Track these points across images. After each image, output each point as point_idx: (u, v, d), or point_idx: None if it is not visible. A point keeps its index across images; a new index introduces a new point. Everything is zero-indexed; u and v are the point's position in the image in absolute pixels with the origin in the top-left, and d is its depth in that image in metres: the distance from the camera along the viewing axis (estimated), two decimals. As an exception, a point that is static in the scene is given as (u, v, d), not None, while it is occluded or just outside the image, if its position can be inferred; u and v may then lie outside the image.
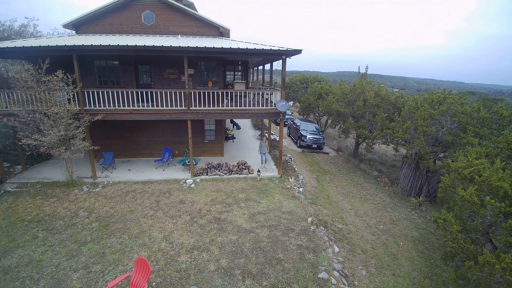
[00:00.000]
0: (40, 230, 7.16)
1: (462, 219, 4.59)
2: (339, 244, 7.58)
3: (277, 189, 9.87)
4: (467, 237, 4.41)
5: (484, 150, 6.35)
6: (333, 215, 9.20)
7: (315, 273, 6.10)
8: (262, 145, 11.46)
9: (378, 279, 6.48)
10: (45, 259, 6.14)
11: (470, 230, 4.41)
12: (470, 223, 4.40)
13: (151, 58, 11.36)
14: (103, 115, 9.26)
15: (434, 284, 6.48)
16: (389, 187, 12.14)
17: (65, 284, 5.46)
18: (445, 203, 5.55)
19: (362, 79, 14.97)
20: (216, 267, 6.05)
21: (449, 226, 4.55)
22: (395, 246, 7.84)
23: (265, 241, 7.02)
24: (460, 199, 4.47)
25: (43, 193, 9.11)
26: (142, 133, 12.16)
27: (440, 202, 5.96)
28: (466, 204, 4.40)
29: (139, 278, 5.07)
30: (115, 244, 6.70)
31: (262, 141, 11.43)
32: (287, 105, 9.67)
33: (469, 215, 4.51)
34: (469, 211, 4.46)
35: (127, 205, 8.47)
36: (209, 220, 7.84)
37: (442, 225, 4.69)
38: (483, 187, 4.40)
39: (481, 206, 4.22)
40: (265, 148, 11.51)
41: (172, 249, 6.58)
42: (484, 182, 4.35)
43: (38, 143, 8.50)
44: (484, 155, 5.84)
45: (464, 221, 4.55)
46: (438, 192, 5.75)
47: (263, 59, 14.26)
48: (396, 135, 10.26)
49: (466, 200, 4.33)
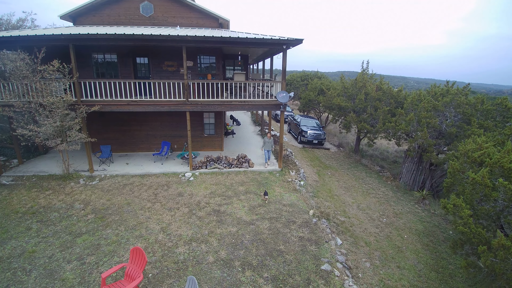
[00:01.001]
0: (34, 222, 6.95)
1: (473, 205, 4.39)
2: (342, 236, 7.38)
3: (278, 182, 9.67)
4: (478, 223, 4.21)
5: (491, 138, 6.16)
6: (335, 208, 9.00)
7: (318, 265, 5.90)
8: (266, 142, 10.63)
9: (383, 271, 6.28)
10: (38, 250, 5.93)
11: (481, 216, 4.21)
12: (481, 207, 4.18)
13: (149, 50, 11.17)
14: (99, 106, 9.06)
15: (440, 277, 6.27)
16: (391, 181, 11.93)
17: (58, 275, 5.26)
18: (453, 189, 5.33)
19: (364, 74, 14.79)
20: (215, 259, 5.85)
21: (459, 211, 4.35)
22: (399, 239, 7.64)
23: (266, 233, 6.81)
24: (471, 182, 4.27)
25: (39, 186, 8.91)
26: (141, 127, 11.96)
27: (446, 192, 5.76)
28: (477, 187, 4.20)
29: (135, 268, 4.87)
30: (111, 235, 6.49)
31: (266, 138, 10.63)
32: (288, 96, 9.48)
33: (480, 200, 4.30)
34: (480, 195, 4.25)
35: (124, 198, 8.27)
36: (208, 212, 7.63)
37: (452, 210, 4.49)
38: (494, 169, 4.20)
39: (492, 190, 4.02)
40: (269, 145, 10.64)
41: (170, 241, 6.37)
42: (495, 164, 4.15)
43: (33, 133, 8.30)
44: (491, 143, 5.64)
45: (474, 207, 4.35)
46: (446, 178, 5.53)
47: (263, 53, 14.07)
48: (399, 127, 10.06)
49: (478, 182, 4.13)
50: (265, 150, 10.68)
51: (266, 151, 10.67)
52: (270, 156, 11.35)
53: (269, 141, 10.58)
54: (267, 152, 10.69)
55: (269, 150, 10.70)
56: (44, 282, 5.09)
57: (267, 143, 10.58)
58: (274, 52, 11.98)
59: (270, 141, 10.59)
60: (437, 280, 6.15)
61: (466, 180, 4.72)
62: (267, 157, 10.74)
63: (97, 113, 11.54)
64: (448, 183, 5.48)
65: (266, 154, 10.73)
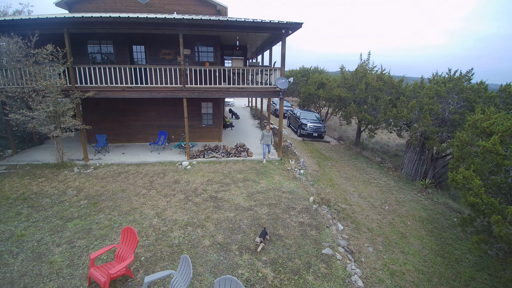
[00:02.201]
0: (24, 207, 6.72)
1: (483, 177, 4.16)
2: (343, 222, 7.14)
3: (277, 171, 9.43)
4: (490, 195, 3.98)
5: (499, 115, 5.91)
6: (336, 196, 8.76)
7: (319, 249, 5.66)
8: (264, 135, 9.80)
9: (387, 256, 6.03)
10: (27, 234, 5.69)
11: (492, 189, 3.98)
12: (493, 178, 3.95)
13: (146, 37, 10.96)
14: (94, 92, 8.84)
15: (446, 262, 6.03)
16: (393, 172, 11.70)
17: (46, 258, 5.02)
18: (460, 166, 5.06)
19: (364, 65, 14.59)
20: (211, 243, 5.61)
21: (469, 182, 4.11)
22: (403, 225, 7.40)
23: (264, 218, 6.58)
24: (481, 151, 4.03)
25: (32, 173, 8.68)
26: (137, 117, 11.74)
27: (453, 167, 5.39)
28: (487, 156, 3.97)
29: (126, 249, 4.63)
30: (103, 220, 6.26)
31: (265, 131, 9.79)
32: (287, 82, 9.26)
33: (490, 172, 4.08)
34: (491, 166, 4.02)
35: (119, 185, 8.04)
36: (204, 198, 7.40)
37: (461, 182, 4.24)
38: (505, 138, 3.97)
39: (504, 159, 3.79)
40: (268, 138, 9.75)
41: (164, 225, 6.13)
42: (506, 132, 3.92)
43: (26, 118, 8.07)
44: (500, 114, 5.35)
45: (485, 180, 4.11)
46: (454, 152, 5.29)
47: (262, 44, 13.87)
48: (401, 115, 9.82)
49: (489, 150, 3.90)
50: (263, 144, 9.89)
51: (265, 145, 9.87)
52: (271, 150, 10.53)
53: (268, 134, 9.79)
54: (266, 146, 9.89)
55: (269, 144, 9.91)
56: (31, 264, 4.85)
57: (266, 137, 9.80)
58: (273, 40, 11.77)
59: (269, 134, 9.80)
60: (443, 265, 5.91)
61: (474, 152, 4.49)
62: (266, 152, 9.94)
63: (92, 102, 11.38)
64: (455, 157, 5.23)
65: (264, 149, 9.93)
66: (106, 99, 11.27)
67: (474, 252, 6.41)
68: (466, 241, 6.87)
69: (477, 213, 4.09)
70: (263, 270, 4.94)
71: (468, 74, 9.53)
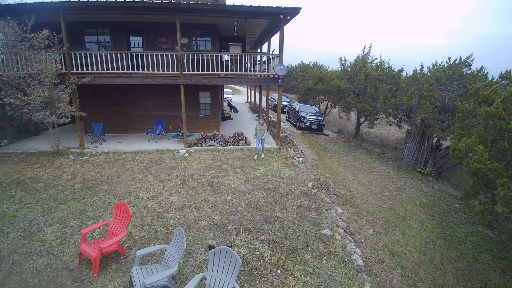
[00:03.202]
0: (18, 191, 6.59)
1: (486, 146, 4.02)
2: (343, 206, 7.01)
3: (276, 158, 9.32)
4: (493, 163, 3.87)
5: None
6: (335, 183, 8.64)
7: (317, 230, 5.53)
8: (258, 130, 8.73)
9: (387, 237, 5.91)
10: (19, 215, 5.57)
11: (496, 156, 3.86)
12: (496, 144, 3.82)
13: (143, 26, 10.86)
14: (90, 78, 8.72)
15: (448, 244, 5.91)
16: (392, 162, 11.59)
17: (37, 237, 4.89)
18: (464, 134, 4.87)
19: (365, 57, 14.49)
20: (207, 223, 5.48)
21: (471, 149, 3.98)
22: (403, 210, 7.27)
23: (262, 201, 6.45)
24: (484, 117, 3.90)
25: (27, 160, 8.55)
26: (134, 107, 11.63)
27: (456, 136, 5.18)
28: (490, 122, 3.84)
29: (118, 225, 4.50)
30: (98, 202, 6.13)
31: (258, 124, 8.74)
32: (286, 68, 9.15)
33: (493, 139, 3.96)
34: (494, 133, 3.90)
35: (115, 171, 7.91)
36: (202, 183, 7.27)
37: (464, 150, 4.11)
38: (507, 104, 3.85)
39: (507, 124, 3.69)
40: (261, 133, 8.68)
41: (160, 207, 6.01)
42: (508, 98, 3.81)
43: (21, 103, 7.96)
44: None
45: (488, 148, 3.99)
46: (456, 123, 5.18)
47: (260, 34, 13.77)
48: (400, 102, 9.71)
49: (491, 114, 3.77)
50: (257, 139, 8.84)
51: (258, 140, 8.82)
52: (264, 145, 9.24)
53: (262, 129, 8.69)
54: (259, 141, 8.86)
55: (262, 140, 8.88)
56: (21, 243, 4.72)
57: (260, 131, 8.72)
58: (272, 29, 11.67)
59: (262, 128, 8.69)
60: (445, 247, 5.79)
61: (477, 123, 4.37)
62: (259, 147, 8.91)
63: (89, 92, 11.27)
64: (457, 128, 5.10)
65: (257, 143, 8.86)
66: (103, 89, 11.17)
67: (476, 235, 6.29)
68: (468, 225, 6.75)
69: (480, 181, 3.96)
70: (260, 249, 4.81)
71: (468, 60, 9.42)
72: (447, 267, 5.11)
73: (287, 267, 4.42)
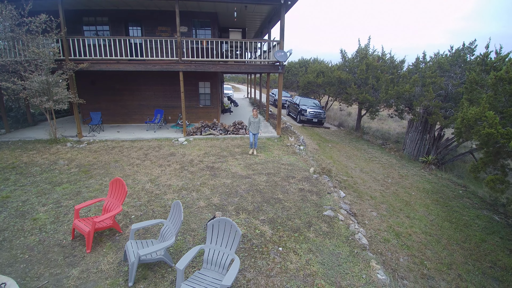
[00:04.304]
0: (13, 174, 6.44)
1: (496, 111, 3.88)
2: (345, 191, 6.85)
3: (276, 146, 9.16)
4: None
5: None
6: (337, 170, 8.47)
7: (320, 211, 5.36)
8: (251, 122, 7.81)
9: (392, 220, 5.74)
10: (12, 196, 5.41)
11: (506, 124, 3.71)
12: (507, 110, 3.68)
13: (142, 15, 10.72)
14: (88, 64, 8.57)
15: (455, 226, 5.74)
16: (394, 152, 11.42)
17: (30, 215, 4.73)
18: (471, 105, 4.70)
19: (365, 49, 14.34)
20: (206, 204, 5.32)
21: (481, 115, 3.83)
22: (407, 195, 7.10)
23: (263, 185, 6.29)
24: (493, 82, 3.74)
25: (23, 147, 8.40)
26: (133, 97, 11.48)
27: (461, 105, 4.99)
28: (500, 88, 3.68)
29: (113, 201, 4.34)
30: (94, 185, 5.97)
31: (251, 116, 7.86)
32: (286, 55, 9.01)
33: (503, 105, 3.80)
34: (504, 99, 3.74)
35: (112, 157, 7.76)
36: (201, 168, 7.11)
37: (473, 117, 3.96)
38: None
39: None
40: (255, 126, 7.75)
41: (158, 189, 5.85)
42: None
43: (17, 87, 7.81)
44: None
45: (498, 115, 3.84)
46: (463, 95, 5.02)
47: (260, 25, 13.65)
48: (403, 90, 9.55)
49: (502, 78, 3.61)
50: (250, 133, 7.93)
51: (252, 134, 7.88)
52: (257, 142, 8.13)
53: (255, 121, 7.77)
54: (253, 135, 7.92)
55: (256, 134, 7.88)
56: (13, 221, 4.56)
57: (253, 124, 7.79)
58: (272, 18, 11.54)
59: (256, 120, 7.77)
60: (451, 229, 5.62)
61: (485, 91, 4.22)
62: (253, 141, 7.94)
63: (87, 81, 11.13)
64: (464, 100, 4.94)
65: (251, 138, 7.96)
66: (101, 78, 11.03)
67: (482, 218, 6.11)
68: (474, 210, 6.58)
69: (490, 152, 3.80)
70: (261, 228, 4.64)
71: (471, 46, 9.25)
72: (454, 248, 4.94)
73: (288, 245, 4.25)
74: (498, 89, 3.74)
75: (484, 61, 4.61)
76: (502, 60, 4.28)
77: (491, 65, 4.30)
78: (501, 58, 4.24)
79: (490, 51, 4.70)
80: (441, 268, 4.37)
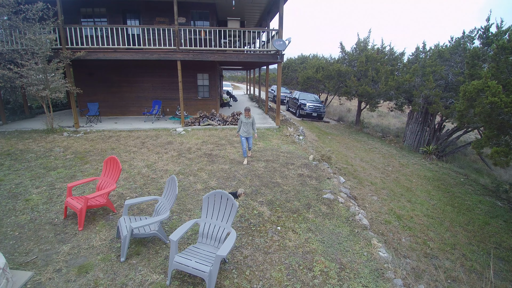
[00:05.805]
0: (7, 160, 6.33)
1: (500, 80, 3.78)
2: (345, 177, 6.73)
3: (275, 136, 9.05)
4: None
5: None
6: (337, 158, 8.36)
7: (319, 194, 5.25)
8: (243, 123, 6.35)
9: (393, 203, 5.63)
10: (5, 179, 5.30)
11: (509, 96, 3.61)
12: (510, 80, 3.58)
13: (140, 5, 10.64)
14: (85, 52, 8.48)
15: (457, 210, 5.63)
16: (395, 143, 11.32)
17: (22, 197, 4.62)
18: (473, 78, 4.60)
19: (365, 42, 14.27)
20: (203, 187, 5.21)
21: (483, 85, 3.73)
22: (408, 182, 6.99)
23: (261, 170, 6.18)
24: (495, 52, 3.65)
25: (19, 137, 8.30)
26: (131, 89, 11.39)
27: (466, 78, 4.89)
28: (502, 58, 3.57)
29: (107, 180, 4.23)
30: (89, 169, 5.86)
31: (243, 116, 6.40)
32: (285, 44, 8.92)
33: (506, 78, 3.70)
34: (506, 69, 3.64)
35: (109, 145, 7.65)
36: (199, 155, 7.01)
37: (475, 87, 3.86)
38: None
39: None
40: (249, 128, 6.33)
41: (154, 174, 5.74)
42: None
43: (13, 75, 7.72)
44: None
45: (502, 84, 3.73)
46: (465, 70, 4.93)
47: (259, 18, 13.57)
48: (403, 79, 9.45)
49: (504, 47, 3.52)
50: (241, 136, 6.46)
51: (244, 138, 6.43)
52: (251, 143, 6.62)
53: (248, 122, 6.33)
54: (246, 140, 6.46)
55: (249, 138, 6.48)
56: (5, 202, 4.45)
57: (245, 125, 6.34)
58: (271, 9, 11.47)
59: (249, 121, 6.35)
60: (454, 213, 5.51)
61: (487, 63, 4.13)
62: (246, 147, 6.47)
63: (85, 73, 11.05)
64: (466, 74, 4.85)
65: (243, 143, 6.45)
66: (99, 70, 10.94)
67: (485, 203, 6.00)
68: (476, 196, 6.47)
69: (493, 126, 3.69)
70: (259, 208, 4.53)
71: (471, 34, 9.15)
72: (457, 229, 4.83)
73: (287, 225, 4.14)
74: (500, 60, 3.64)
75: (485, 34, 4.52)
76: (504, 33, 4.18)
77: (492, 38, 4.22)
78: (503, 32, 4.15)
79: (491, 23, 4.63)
80: (445, 248, 4.25)
